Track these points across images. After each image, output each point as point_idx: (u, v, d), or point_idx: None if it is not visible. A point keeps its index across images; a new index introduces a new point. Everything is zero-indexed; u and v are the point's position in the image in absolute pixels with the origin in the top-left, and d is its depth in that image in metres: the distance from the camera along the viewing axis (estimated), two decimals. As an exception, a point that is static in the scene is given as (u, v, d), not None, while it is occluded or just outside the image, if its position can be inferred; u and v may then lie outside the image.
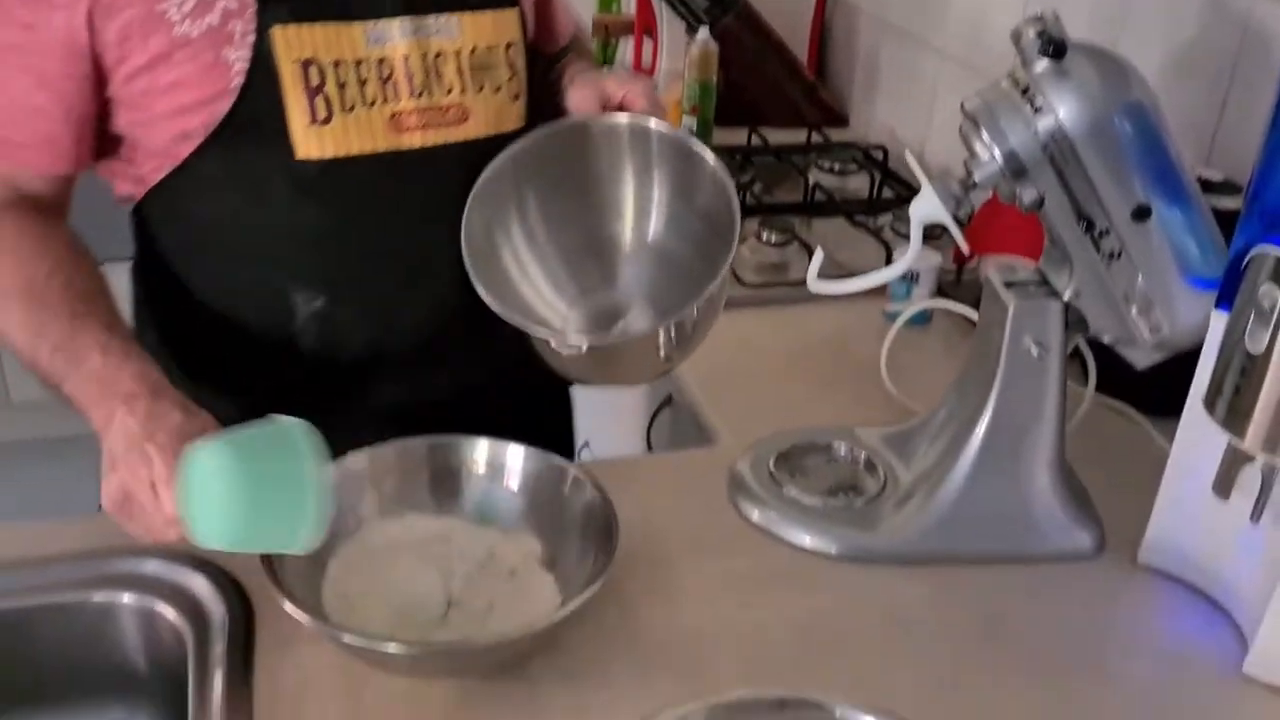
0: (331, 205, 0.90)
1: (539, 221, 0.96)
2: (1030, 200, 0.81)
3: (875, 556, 0.91)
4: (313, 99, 0.86)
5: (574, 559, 0.83)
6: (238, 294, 0.95)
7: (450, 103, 0.92)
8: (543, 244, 0.97)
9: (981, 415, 0.89)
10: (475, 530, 0.86)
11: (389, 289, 0.96)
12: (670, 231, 0.97)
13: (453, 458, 0.88)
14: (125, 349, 0.81)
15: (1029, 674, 0.81)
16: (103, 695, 0.87)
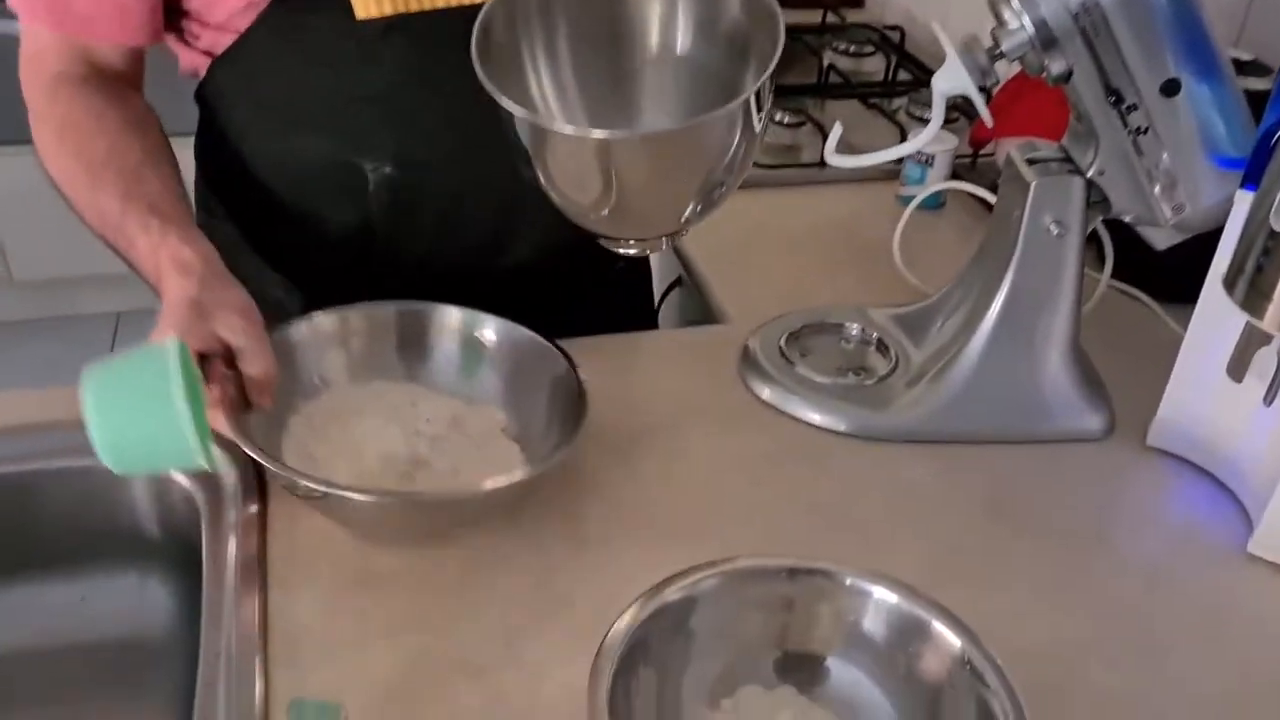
0: (394, 67, 0.88)
1: (564, 41, 0.87)
2: (1058, 72, 0.79)
3: (885, 434, 0.91)
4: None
5: (541, 432, 0.82)
6: (304, 166, 0.93)
7: None
8: (563, 68, 0.88)
9: (997, 294, 0.88)
10: (442, 398, 0.86)
11: (458, 155, 0.93)
12: (700, 73, 0.87)
13: (422, 324, 0.87)
14: (163, 227, 0.79)
15: (1034, 548, 0.82)
16: (115, 560, 0.88)
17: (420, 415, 0.84)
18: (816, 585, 0.65)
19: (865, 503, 0.85)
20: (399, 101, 0.89)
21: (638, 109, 0.89)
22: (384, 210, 0.93)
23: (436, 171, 0.93)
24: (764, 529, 0.82)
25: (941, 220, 1.26)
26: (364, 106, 0.89)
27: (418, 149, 0.91)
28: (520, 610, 0.74)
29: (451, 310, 0.87)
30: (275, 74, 0.89)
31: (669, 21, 0.86)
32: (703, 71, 0.86)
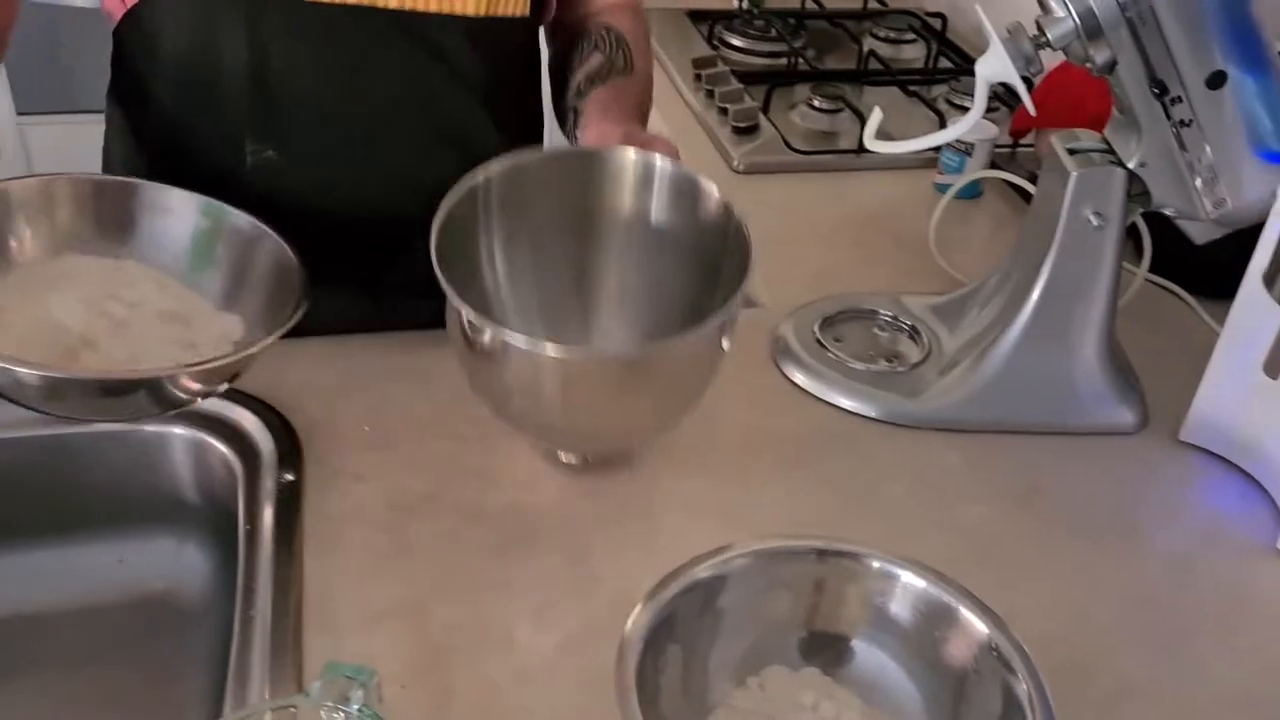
0: (290, 52, 0.86)
1: (525, 244, 0.84)
2: (1103, 62, 0.79)
3: (916, 421, 0.91)
4: None
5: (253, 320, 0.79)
6: (193, 131, 0.91)
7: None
8: (521, 270, 0.85)
9: (1034, 285, 0.88)
10: (145, 275, 0.81)
11: (342, 154, 0.91)
12: (668, 277, 0.84)
13: (132, 200, 0.83)
14: None
15: (1063, 538, 0.82)
16: (152, 524, 0.89)
17: (121, 298, 0.79)
18: (844, 567, 0.65)
19: (894, 488, 0.86)
20: (289, 88, 0.87)
21: (596, 315, 0.87)
22: (260, 191, 0.89)
23: (317, 164, 0.91)
24: (793, 510, 0.82)
25: (978, 209, 1.25)
26: (257, 86, 0.87)
27: (300, 140, 0.90)
28: (551, 585, 0.75)
29: (161, 187, 0.83)
30: (174, 36, 0.87)
31: (636, 229, 0.84)
32: (666, 278, 0.84)
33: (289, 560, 0.75)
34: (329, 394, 0.89)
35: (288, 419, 0.86)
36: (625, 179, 0.82)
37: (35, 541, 0.88)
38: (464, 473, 0.83)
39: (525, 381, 0.72)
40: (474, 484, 0.82)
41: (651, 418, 0.77)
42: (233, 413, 0.86)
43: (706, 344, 0.73)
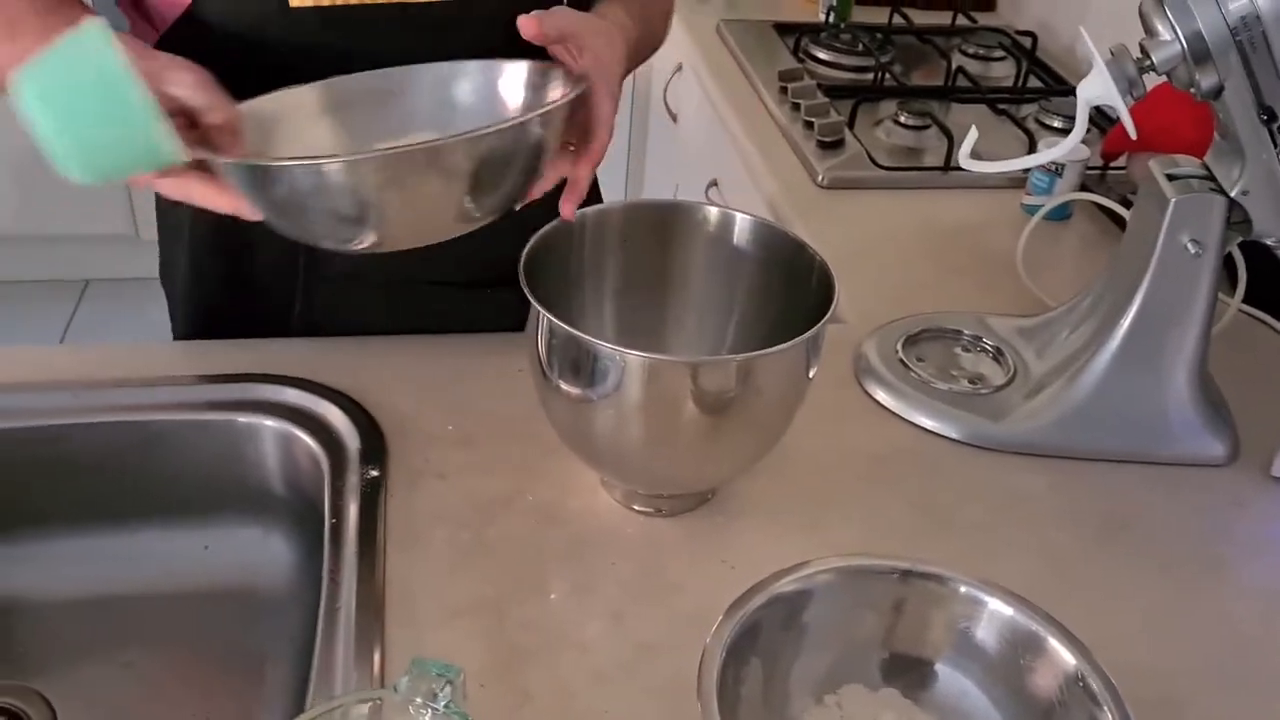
0: (329, 61, 0.84)
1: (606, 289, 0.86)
2: (1209, 87, 0.77)
3: (1000, 444, 0.90)
4: None
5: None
6: None
7: None
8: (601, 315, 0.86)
9: (1126, 311, 0.87)
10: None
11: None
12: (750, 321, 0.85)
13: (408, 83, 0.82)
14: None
15: (1150, 570, 0.81)
16: (240, 514, 0.91)
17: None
18: (929, 589, 0.65)
19: (976, 511, 0.85)
20: None
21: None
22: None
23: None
24: (873, 528, 0.82)
25: (1067, 231, 1.23)
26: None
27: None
28: (630, 591, 0.75)
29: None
30: (213, 57, 0.83)
31: (717, 277, 0.84)
32: (747, 321, 0.85)
33: (372, 555, 0.76)
34: (414, 392, 0.90)
35: (373, 415, 0.87)
36: (706, 229, 0.84)
37: (126, 524, 0.90)
38: (544, 475, 0.84)
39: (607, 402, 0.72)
40: (554, 487, 0.83)
41: (732, 452, 0.77)
42: (320, 407, 0.88)
43: (792, 365, 0.73)
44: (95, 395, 0.89)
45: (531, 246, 0.76)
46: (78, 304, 2.73)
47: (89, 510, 0.90)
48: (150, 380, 0.90)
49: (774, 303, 0.82)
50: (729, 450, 0.76)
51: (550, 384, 0.74)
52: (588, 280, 0.84)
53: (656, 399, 0.71)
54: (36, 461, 0.88)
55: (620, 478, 0.80)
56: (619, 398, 0.71)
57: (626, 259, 0.84)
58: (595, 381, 0.71)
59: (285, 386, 0.89)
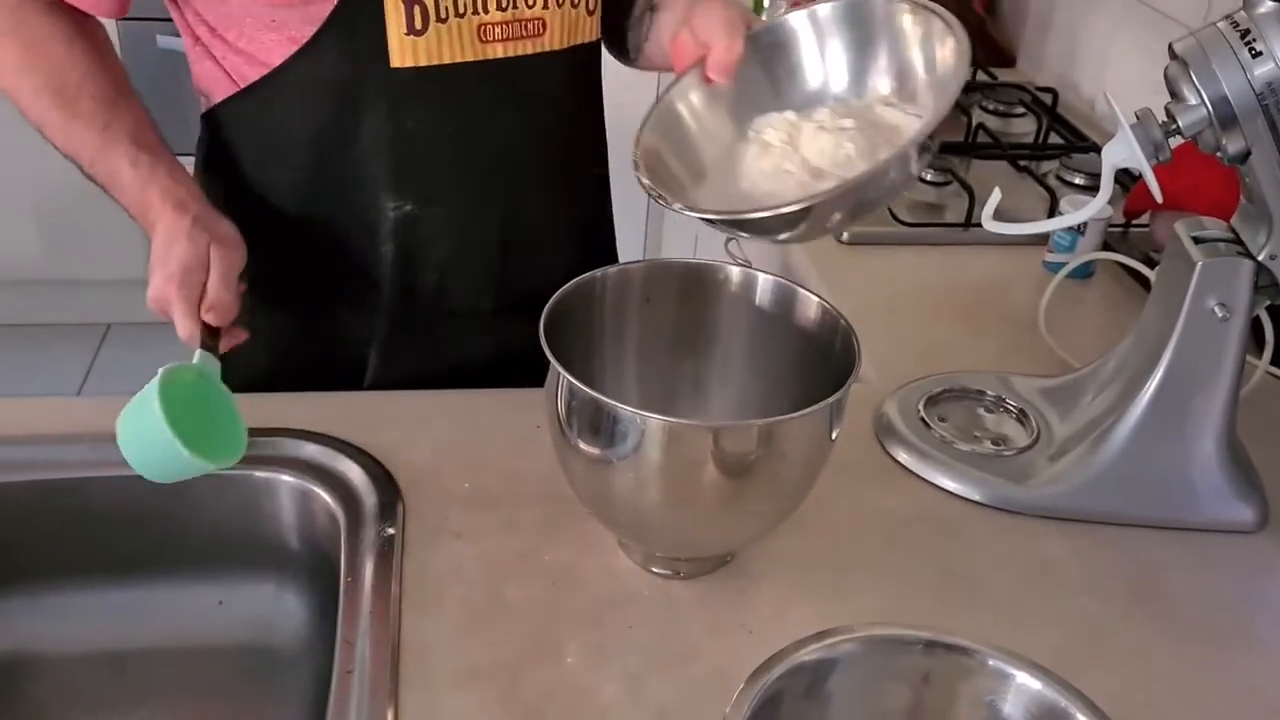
0: (422, 113, 0.92)
1: (630, 345, 0.86)
2: (1236, 151, 0.77)
3: (1024, 508, 0.88)
4: (410, 8, 0.87)
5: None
6: (322, 201, 0.96)
7: (531, 16, 0.93)
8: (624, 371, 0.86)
9: (1152, 374, 0.86)
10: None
11: (472, 196, 0.97)
12: (773, 381, 0.85)
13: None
14: (153, 162, 0.87)
15: (1179, 640, 0.79)
16: (255, 569, 0.91)
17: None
18: (955, 661, 0.63)
19: (1000, 577, 0.83)
20: (422, 146, 0.93)
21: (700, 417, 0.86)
22: (398, 246, 0.97)
23: (453, 211, 0.97)
24: (896, 594, 0.81)
25: (1089, 290, 1.23)
26: (389, 149, 0.93)
27: (438, 190, 0.96)
28: (647, 656, 0.74)
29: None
30: (305, 113, 0.92)
31: (739, 336, 0.85)
32: (770, 382, 0.85)
33: (387, 616, 0.75)
34: (433, 448, 0.90)
35: (391, 472, 0.87)
36: (728, 289, 0.84)
37: (140, 578, 0.90)
38: (562, 535, 0.83)
39: (626, 464, 0.71)
40: (572, 547, 0.82)
41: (752, 516, 0.76)
42: (338, 463, 0.87)
43: (815, 429, 0.72)
44: (113, 448, 0.88)
45: (552, 305, 0.76)
46: (99, 348, 2.75)
47: (104, 563, 0.90)
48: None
49: (797, 363, 0.81)
50: (749, 514, 0.75)
51: (569, 444, 0.74)
52: (608, 340, 0.83)
53: (676, 462, 0.70)
54: (53, 513, 0.88)
55: (638, 540, 0.80)
56: (638, 460, 0.70)
57: (648, 319, 0.84)
58: (614, 443, 0.70)
59: (304, 441, 0.89)
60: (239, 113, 0.95)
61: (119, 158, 0.87)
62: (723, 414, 0.85)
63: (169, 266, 0.82)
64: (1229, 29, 0.75)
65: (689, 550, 0.79)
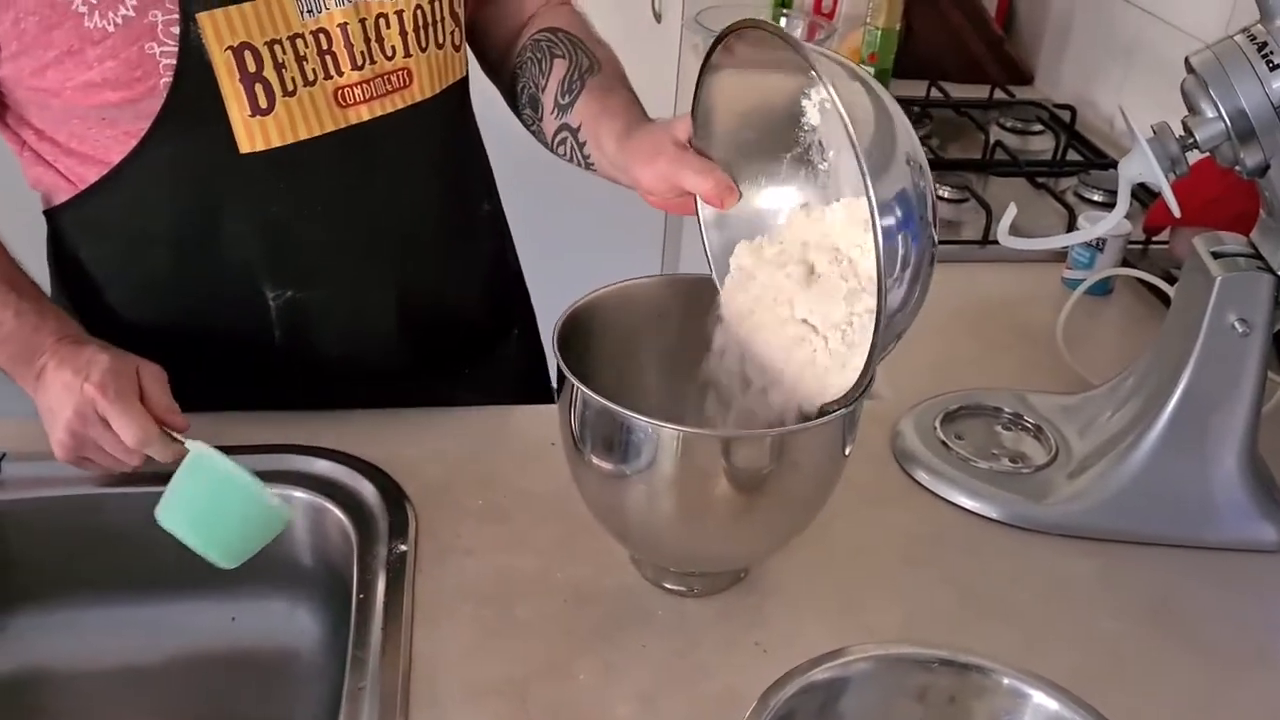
0: (285, 197, 0.85)
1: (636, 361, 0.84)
2: (1254, 165, 0.76)
3: (1042, 526, 0.87)
4: (251, 87, 0.79)
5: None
6: (196, 292, 0.90)
7: (394, 68, 0.86)
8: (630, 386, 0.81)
9: (1172, 391, 0.85)
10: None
11: (355, 272, 0.91)
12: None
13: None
14: (38, 309, 0.81)
15: (1199, 661, 0.78)
16: (268, 585, 0.90)
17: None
18: (971, 681, 0.62)
19: (1018, 595, 0.82)
20: (291, 228, 0.87)
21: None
22: (287, 332, 0.91)
23: (340, 289, 0.91)
24: (912, 613, 0.80)
25: (1108, 306, 1.22)
26: (257, 238, 0.86)
27: (317, 273, 0.90)
28: (660, 673, 0.74)
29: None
30: (157, 206, 0.84)
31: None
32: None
33: (398, 632, 0.75)
34: (446, 465, 0.90)
35: (404, 488, 0.87)
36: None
37: (155, 594, 0.90)
38: (575, 552, 0.82)
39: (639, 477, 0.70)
40: (584, 564, 0.81)
41: (765, 529, 0.75)
42: (351, 480, 0.87)
43: (827, 442, 0.72)
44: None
45: (566, 319, 0.75)
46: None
47: (119, 580, 0.90)
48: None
49: None
50: (762, 528, 0.74)
51: (582, 457, 0.73)
52: (622, 355, 0.83)
53: (689, 474, 0.70)
54: (69, 531, 0.88)
55: (651, 554, 0.79)
56: (651, 472, 0.70)
57: (662, 333, 0.83)
58: (628, 455, 0.70)
59: (316, 458, 0.89)
60: (85, 214, 0.88)
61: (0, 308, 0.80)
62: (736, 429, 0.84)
63: (82, 393, 0.76)
64: (1246, 42, 0.75)
65: (702, 565, 0.78)
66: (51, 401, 0.78)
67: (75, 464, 0.80)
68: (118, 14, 0.75)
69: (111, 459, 0.79)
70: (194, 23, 0.77)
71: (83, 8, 0.74)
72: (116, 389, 0.76)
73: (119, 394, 0.76)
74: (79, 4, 0.74)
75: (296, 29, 0.80)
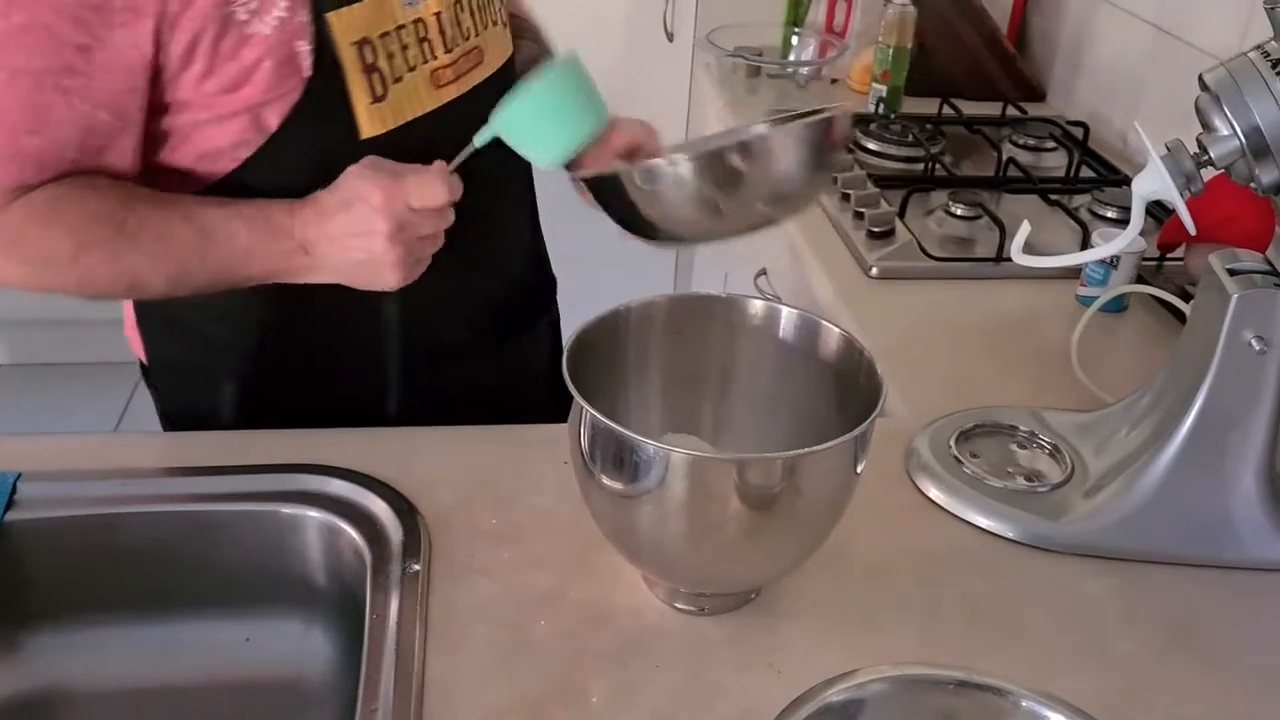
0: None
1: (654, 379, 0.86)
2: (1270, 182, 0.76)
3: (1058, 545, 0.87)
4: (370, 77, 0.87)
5: None
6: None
7: (470, 47, 0.95)
8: (648, 405, 0.86)
9: (1189, 409, 0.84)
10: None
11: (456, 241, 0.93)
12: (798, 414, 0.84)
13: None
14: (255, 207, 0.86)
15: (1221, 683, 0.77)
16: (282, 605, 0.90)
17: None
18: (988, 702, 0.62)
19: (1034, 616, 0.82)
20: None
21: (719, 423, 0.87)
22: (392, 307, 0.96)
23: (438, 260, 0.92)
24: (927, 633, 0.79)
25: (1122, 323, 1.21)
26: None
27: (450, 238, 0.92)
28: (673, 695, 0.73)
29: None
30: (279, 194, 0.88)
31: (763, 370, 0.84)
32: (795, 415, 0.84)
33: (412, 653, 0.74)
34: (460, 484, 0.90)
35: (417, 508, 0.87)
36: (753, 323, 0.83)
37: (170, 614, 0.90)
38: (588, 572, 0.82)
39: (650, 498, 0.71)
40: (598, 584, 0.81)
41: (777, 550, 0.75)
42: (364, 499, 0.87)
43: (839, 462, 0.72)
44: (144, 484, 0.89)
45: (576, 339, 0.76)
46: (135, 386, 2.78)
47: (134, 600, 0.90)
48: (198, 470, 0.90)
49: (822, 397, 0.81)
50: (774, 548, 0.74)
51: (593, 478, 0.73)
52: (632, 374, 0.83)
53: (700, 495, 0.70)
54: (85, 550, 0.88)
55: (663, 575, 0.79)
56: (662, 494, 0.69)
57: (672, 352, 0.83)
58: (638, 477, 0.70)
59: (330, 477, 0.89)
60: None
61: (230, 232, 0.85)
62: (747, 448, 0.84)
63: (379, 210, 0.83)
64: (1260, 59, 0.75)
65: (714, 586, 0.78)
66: (348, 255, 0.85)
67: (411, 276, 0.87)
68: (272, 15, 0.82)
69: (433, 238, 0.87)
70: (324, 22, 0.84)
71: (244, 14, 0.81)
72: (395, 181, 0.83)
73: (402, 177, 0.84)
74: (240, 12, 0.81)
75: (400, 20, 0.88)
